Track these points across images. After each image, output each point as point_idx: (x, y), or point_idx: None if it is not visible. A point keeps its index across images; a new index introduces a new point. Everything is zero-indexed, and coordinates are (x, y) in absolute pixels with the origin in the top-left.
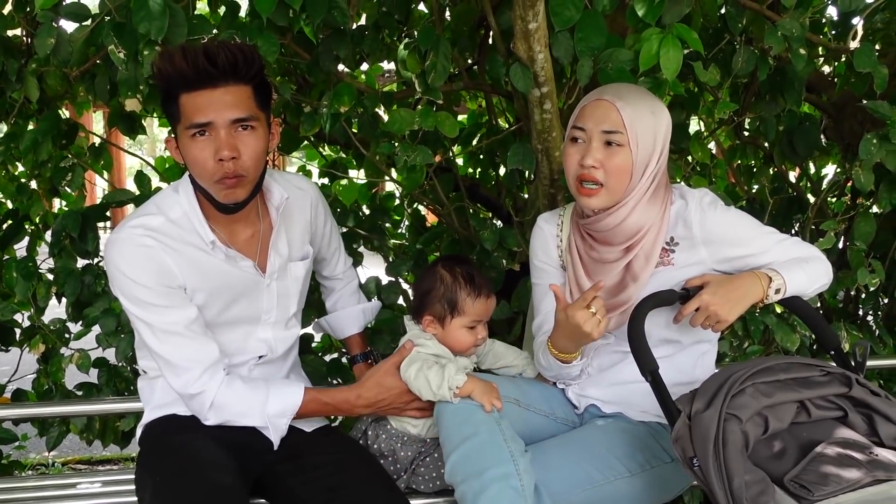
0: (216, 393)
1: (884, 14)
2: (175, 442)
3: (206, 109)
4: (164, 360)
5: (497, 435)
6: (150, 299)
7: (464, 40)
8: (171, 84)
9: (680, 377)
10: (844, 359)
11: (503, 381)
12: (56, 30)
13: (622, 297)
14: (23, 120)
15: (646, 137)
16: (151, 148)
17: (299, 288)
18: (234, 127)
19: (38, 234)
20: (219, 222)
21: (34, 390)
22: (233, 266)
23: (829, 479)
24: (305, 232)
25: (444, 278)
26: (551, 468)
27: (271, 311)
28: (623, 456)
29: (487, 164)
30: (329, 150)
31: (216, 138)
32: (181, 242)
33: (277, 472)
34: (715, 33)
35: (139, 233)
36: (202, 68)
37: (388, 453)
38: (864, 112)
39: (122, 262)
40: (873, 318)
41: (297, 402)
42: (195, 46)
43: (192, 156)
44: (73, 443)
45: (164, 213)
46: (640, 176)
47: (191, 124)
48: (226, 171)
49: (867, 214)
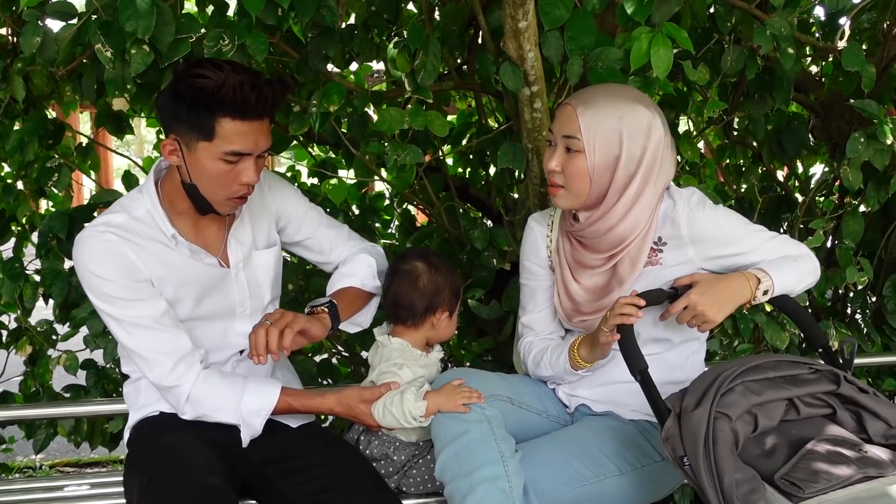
0: (192, 386)
1: (871, 14)
2: (161, 442)
3: (246, 139)
4: (136, 354)
5: (488, 434)
6: (117, 293)
7: (453, 39)
8: (214, 102)
9: (669, 375)
10: (832, 356)
11: (496, 379)
12: (42, 28)
13: (606, 300)
14: (9, 120)
15: (606, 142)
16: (139, 148)
17: (270, 276)
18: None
19: (25, 235)
20: (184, 219)
21: (21, 392)
22: (197, 261)
23: (819, 477)
24: (270, 218)
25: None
26: (541, 466)
27: (244, 301)
28: (613, 454)
29: (477, 164)
30: (318, 149)
31: (247, 165)
32: (145, 238)
33: (266, 474)
34: (704, 32)
35: (101, 230)
36: (253, 104)
37: (381, 457)
38: (851, 111)
39: (87, 260)
40: (861, 316)
41: (272, 402)
42: (248, 78)
43: (214, 174)
44: (61, 445)
45: (126, 212)
46: (606, 179)
47: (231, 151)
48: (246, 192)
49: (855, 213)
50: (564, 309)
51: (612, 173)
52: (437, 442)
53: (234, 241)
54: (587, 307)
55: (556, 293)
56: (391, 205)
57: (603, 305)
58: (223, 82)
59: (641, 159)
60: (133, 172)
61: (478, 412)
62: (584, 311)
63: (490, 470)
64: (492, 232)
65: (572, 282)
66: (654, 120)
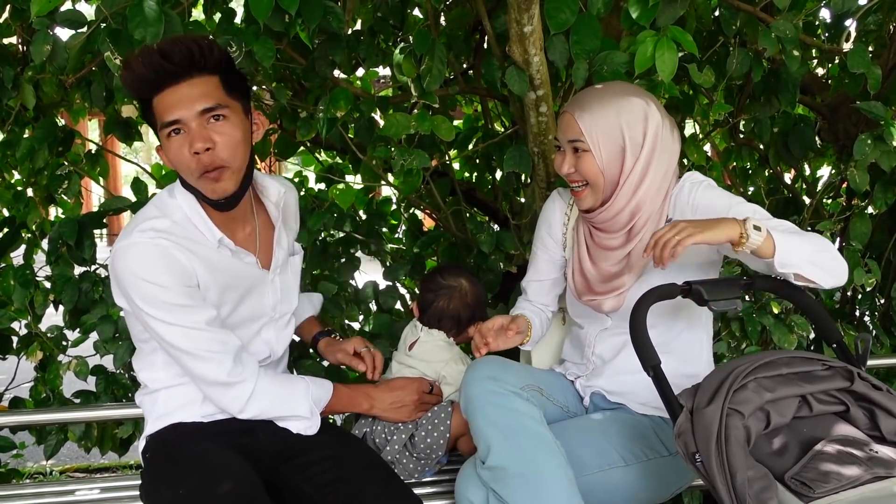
0: (257, 380)
1: (877, 15)
2: (191, 453)
3: (173, 106)
4: (192, 355)
5: (543, 427)
6: (175, 300)
7: (459, 44)
8: (141, 91)
9: (676, 366)
10: (847, 352)
11: (524, 371)
12: (52, 37)
13: (616, 283)
14: (19, 127)
15: (609, 137)
16: (147, 155)
17: (297, 281)
18: (204, 118)
19: (35, 242)
20: (218, 221)
21: (32, 398)
22: (239, 262)
23: (829, 477)
24: (294, 229)
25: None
26: None
27: (276, 305)
28: (619, 445)
29: (484, 168)
30: (325, 154)
31: (189, 133)
32: (191, 241)
33: (282, 473)
34: (709, 35)
35: (151, 235)
36: (160, 67)
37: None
38: (858, 113)
39: (138, 267)
40: (870, 318)
41: (329, 390)
42: (150, 48)
43: (171, 156)
44: (71, 451)
45: (167, 216)
46: (617, 169)
47: (163, 124)
48: (204, 163)
49: (863, 215)
50: (577, 286)
51: (622, 162)
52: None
53: (278, 246)
54: (599, 287)
55: (571, 270)
56: (398, 209)
57: (610, 287)
58: (132, 66)
59: (643, 143)
60: (142, 179)
61: (525, 399)
62: (596, 290)
63: (554, 459)
64: (498, 235)
65: (588, 264)
66: (648, 107)
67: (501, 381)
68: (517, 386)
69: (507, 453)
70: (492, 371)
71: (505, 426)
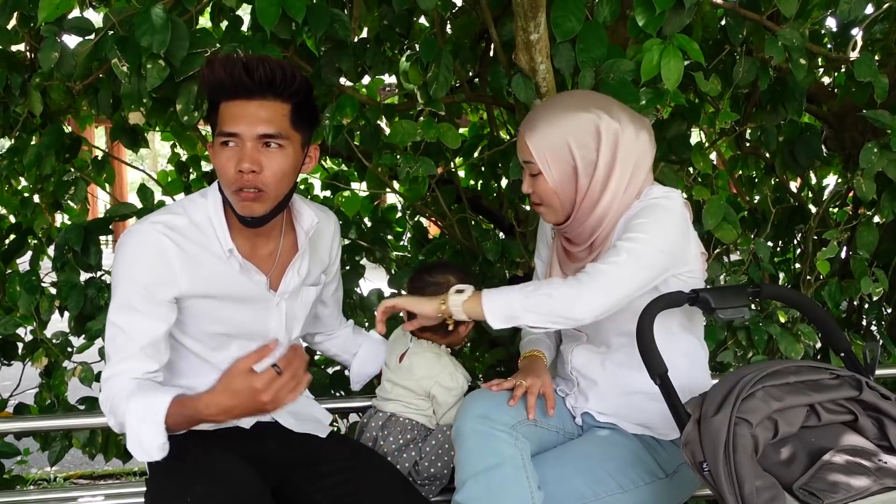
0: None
1: (883, 24)
2: (196, 459)
3: (236, 120)
4: (109, 356)
5: (521, 471)
6: (130, 298)
7: (465, 52)
8: (213, 91)
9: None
10: (855, 361)
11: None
12: (59, 44)
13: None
14: (26, 134)
15: (558, 157)
16: (153, 162)
17: (306, 312)
18: (260, 141)
19: (42, 248)
20: (241, 233)
21: (36, 404)
22: (247, 278)
23: (838, 488)
24: (325, 263)
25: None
26: (544, 484)
27: (279, 331)
28: (615, 471)
29: (489, 176)
30: (331, 162)
31: (241, 149)
32: (198, 246)
33: (294, 481)
34: (715, 44)
35: (159, 229)
36: (238, 79)
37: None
38: (864, 121)
39: (127, 251)
40: (877, 327)
41: (162, 409)
42: (237, 57)
43: (217, 163)
44: (76, 458)
45: (188, 215)
46: (571, 189)
47: (221, 132)
48: (244, 182)
49: (869, 224)
50: None
51: (575, 183)
52: (466, 467)
53: (293, 271)
54: None
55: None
56: (403, 217)
57: None
58: (214, 67)
59: (597, 160)
60: (148, 186)
61: (511, 443)
62: None
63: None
64: (504, 243)
65: (559, 269)
66: (600, 120)
67: (492, 421)
68: (509, 424)
69: (477, 494)
70: (484, 409)
71: (484, 468)
